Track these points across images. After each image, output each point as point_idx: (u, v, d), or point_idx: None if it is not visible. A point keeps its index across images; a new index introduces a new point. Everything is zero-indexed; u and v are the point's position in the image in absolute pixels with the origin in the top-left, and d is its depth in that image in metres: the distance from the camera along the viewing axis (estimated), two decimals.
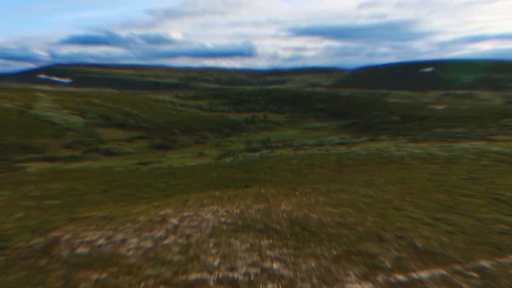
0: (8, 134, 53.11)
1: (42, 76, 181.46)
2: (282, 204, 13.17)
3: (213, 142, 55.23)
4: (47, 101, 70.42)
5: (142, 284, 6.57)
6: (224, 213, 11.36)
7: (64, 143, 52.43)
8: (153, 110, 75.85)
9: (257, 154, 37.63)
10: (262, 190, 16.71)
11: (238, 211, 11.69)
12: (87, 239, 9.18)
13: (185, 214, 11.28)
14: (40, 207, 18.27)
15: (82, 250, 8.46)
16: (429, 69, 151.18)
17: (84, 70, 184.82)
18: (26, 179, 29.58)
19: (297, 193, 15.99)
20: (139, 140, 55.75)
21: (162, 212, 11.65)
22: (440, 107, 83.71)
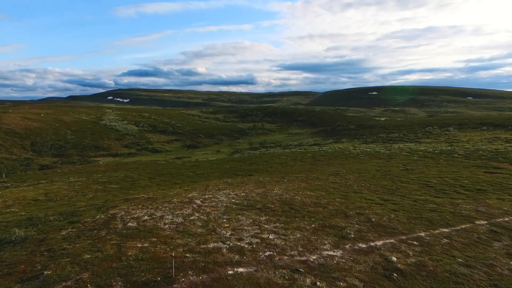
0: (85, 137, 52.51)
1: (109, 97, 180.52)
2: (275, 188, 12.69)
3: (227, 143, 54.67)
4: (112, 115, 69.83)
5: (173, 253, 6.11)
6: (234, 196, 10.86)
7: (123, 143, 51.87)
8: (185, 120, 75.07)
9: (257, 151, 37.09)
10: (261, 178, 16.23)
11: (244, 194, 11.20)
12: (135, 216, 8.65)
13: (206, 196, 10.77)
14: (105, 190, 17.80)
15: (131, 224, 7.92)
16: (374, 93, 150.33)
17: (138, 93, 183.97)
18: (97, 169, 29.09)
19: (285, 180, 15.51)
20: (175, 141, 55.22)
21: (189, 195, 11.17)
22: (383, 118, 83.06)
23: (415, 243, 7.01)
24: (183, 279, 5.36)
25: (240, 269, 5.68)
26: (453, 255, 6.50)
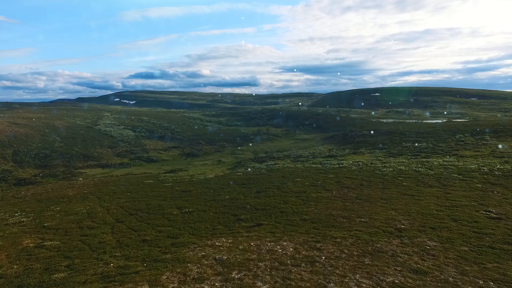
0: (75, 145, 45.39)
1: (117, 99, 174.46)
2: None
3: (229, 150, 47.31)
4: (109, 119, 62.74)
5: None
6: None
7: (116, 152, 44.70)
8: (186, 125, 67.78)
9: (263, 165, 29.90)
10: (279, 248, 9.11)
11: None
12: None
13: None
14: (30, 255, 10.63)
15: None
16: (377, 94, 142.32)
17: (144, 95, 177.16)
18: (65, 194, 21.98)
19: (323, 257, 8.35)
20: (174, 149, 48.03)
21: None
22: (390, 120, 75.29)
23: None
24: None
25: None
26: None
